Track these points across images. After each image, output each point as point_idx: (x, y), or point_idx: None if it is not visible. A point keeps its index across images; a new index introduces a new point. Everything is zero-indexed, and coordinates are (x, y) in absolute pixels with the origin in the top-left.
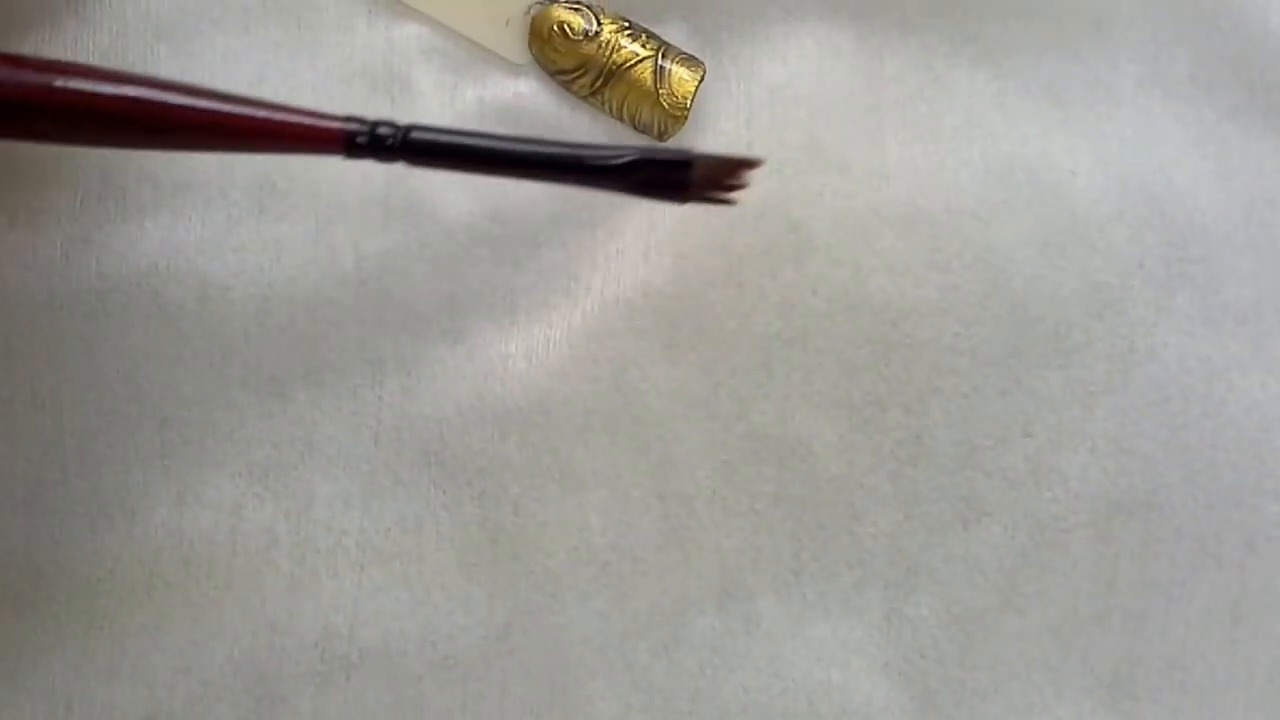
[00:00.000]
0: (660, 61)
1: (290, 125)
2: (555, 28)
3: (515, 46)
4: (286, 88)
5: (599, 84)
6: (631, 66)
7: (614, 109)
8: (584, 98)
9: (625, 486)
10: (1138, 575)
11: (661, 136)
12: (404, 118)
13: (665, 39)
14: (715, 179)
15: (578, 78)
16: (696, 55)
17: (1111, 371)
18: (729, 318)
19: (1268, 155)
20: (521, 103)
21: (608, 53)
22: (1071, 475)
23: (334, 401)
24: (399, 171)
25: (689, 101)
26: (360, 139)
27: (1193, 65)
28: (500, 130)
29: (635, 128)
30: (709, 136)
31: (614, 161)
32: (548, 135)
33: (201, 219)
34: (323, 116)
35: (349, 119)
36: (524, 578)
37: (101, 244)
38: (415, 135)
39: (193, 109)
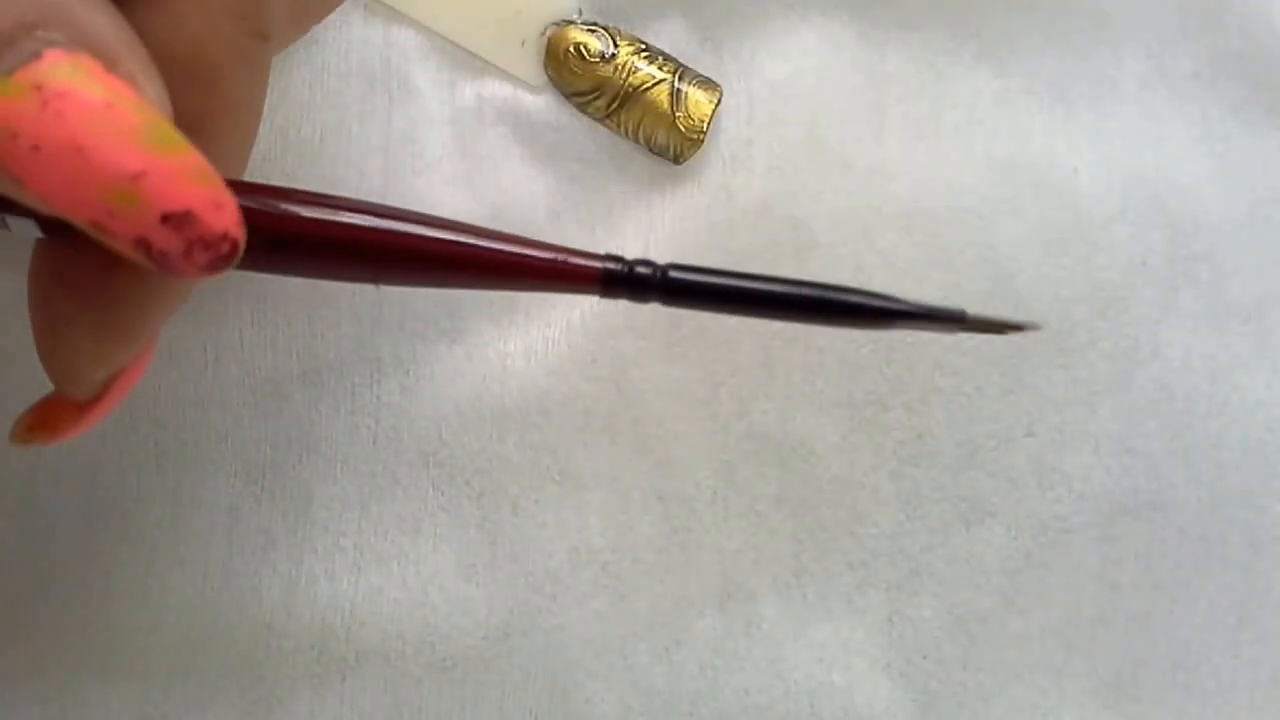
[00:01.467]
0: (676, 84)
1: (547, 264)
2: (571, 49)
3: (531, 67)
4: (281, 84)
5: (615, 106)
6: (648, 89)
7: (630, 131)
8: (600, 119)
9: (625, 487)
10: (1141, 576)
11: (677, 159)
12: (402, 115)
13: (680, 60)
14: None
15: (593, 99)
16: (710, 77)
17: (1115, 370)
18: (729, 317)
19: (1272, 152)
20: (521, 101)
21: (624, 75)
22: (1075, 475)
23: (332, 402)
24: (395, 169)
25: (705, 124)
26: (618, 277)
27: (1196, 62)
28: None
29: (651, 150)
30: (709, 135)
31: (892, 309)
32: (547, 135)
33: None
34: (579, 254)
35: (607, 257)
36: (523, 579)
37: None
38: (674, 275)
39: (443, 243)
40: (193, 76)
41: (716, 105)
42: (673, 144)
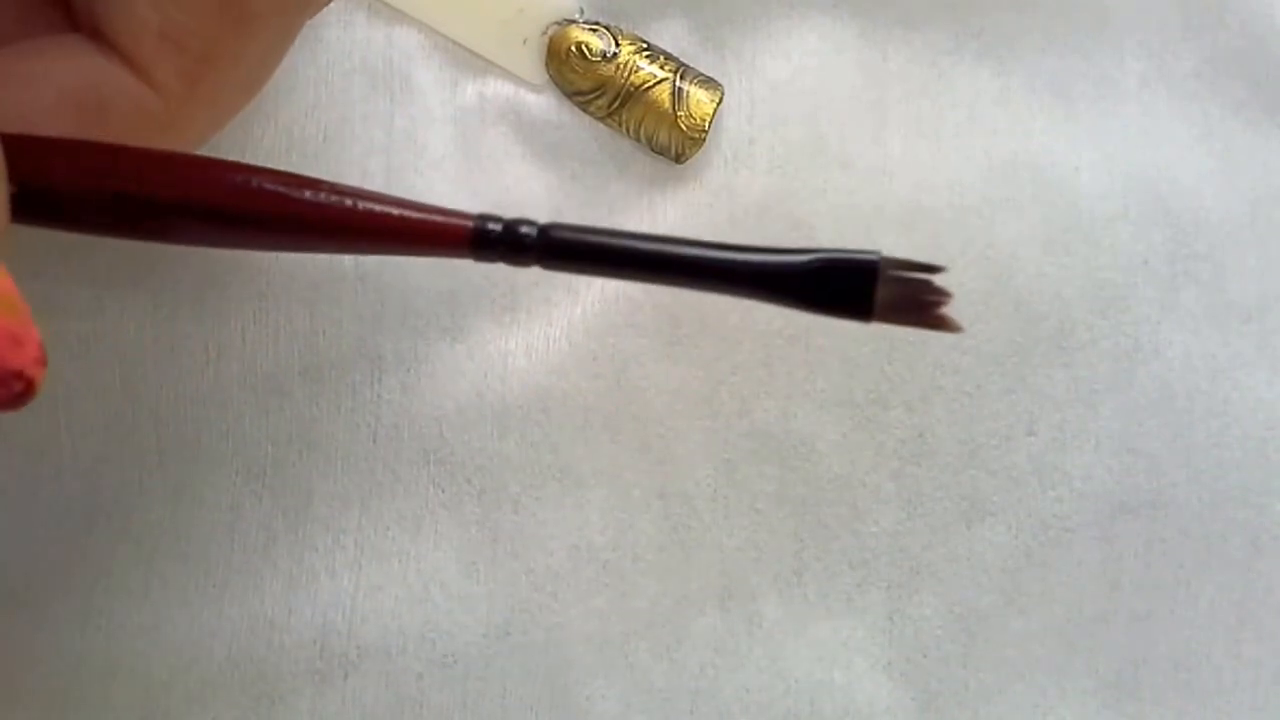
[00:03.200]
0: (678, 83)
1: (409, 223)
2: (573, 48)
3: (532, 66)
4: (285, 84)
5: (616, 105)
6: (649, 88)
7: (631, 130)
8: (601, 119)
9: (626, 485)
10: (1142, 575)
11: (679, 158)
12: (404, 114)
13: (682, 59)
14: (905, 293)
15: (595, 99)
16: (712, 76)
17: (1116, 370)
18: (730, 315)
19: (1273, 151)
20: (522, 100)
21: (625, 74)
22: (1075, 474)
23: (332, 399)
24: (397, 168)
25: (707, 123)
26: (492, 237)
27: (1198, 61)
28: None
29: (653, 149)
30: (710, 134)
31: (789, 266)
32: (549, 134)
33: None
34: (453, 214)
35: (481, 216)
36: (524, 576)
37: (97, 242)
38: (556, 234)
39: (315, 207)
40: (232, 20)
41: (718, 104)
42: (674, 143)
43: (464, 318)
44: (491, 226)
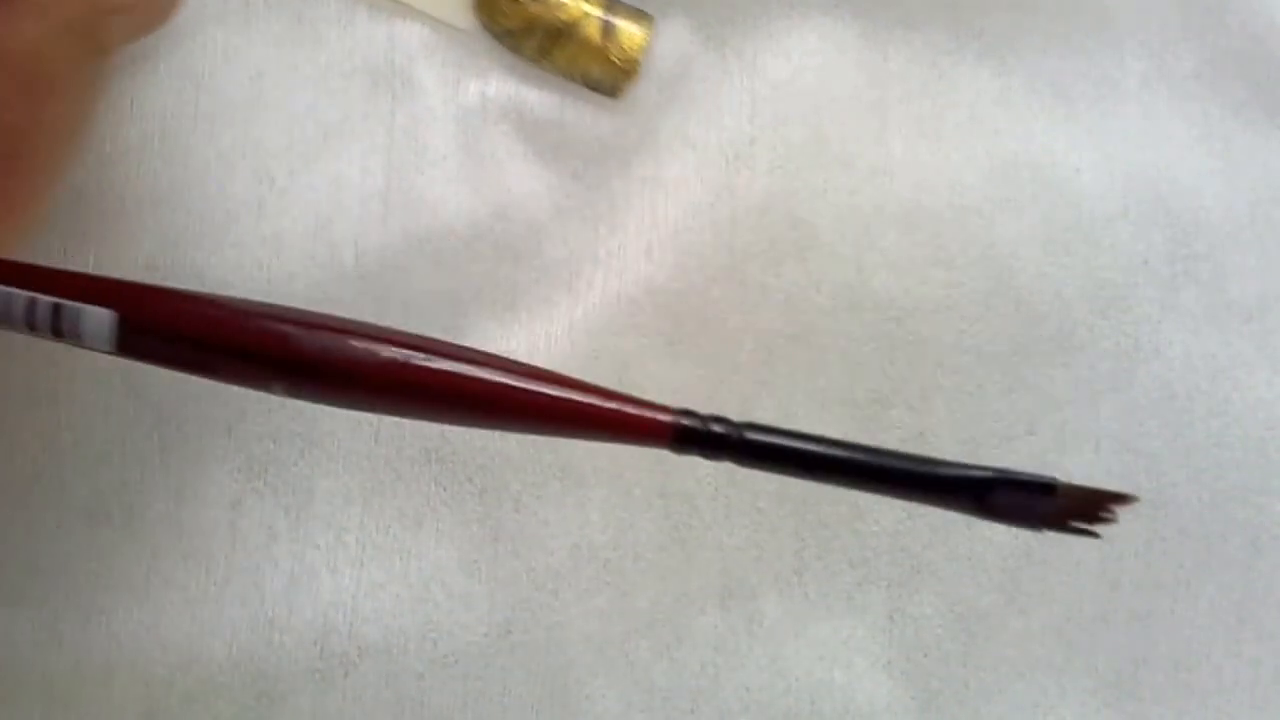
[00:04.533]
0: (607, 17)
1: (618, 416)
2: None
3: (458, 10)
4: (286, 82)
5: (547, 44)
6: (578, 24)
7: (564, 69)
8: (534, 60)
9: (627, 484)
10: (1142, 574)
11: (613, 93)
12: (405, 113)
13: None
14: (1080, 510)
15: (525, 40)
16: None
17: (1116, 369)
18: (731, 315)
19: (1273, 152)
20: (524, 99)
21: (553, 11)
22: (1076, 474)
23: None
24: (398, 167)
25: (639, 56)
26: (692, 434)
27: (1198, 61)
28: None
29: (587, 86)
30: (711, 132)
31: (971, 476)
32: (550, 132)
33: (200, 214)
34: (652, 407)
35: (681, 412)
36: (525, 575)
37: (99, 239)
38: (752, 436)
39: (522, 392)
40: (25, 86)
41: (649, 35)
42: (607, 78)
43: (465, 317)
44: (689, 423)
